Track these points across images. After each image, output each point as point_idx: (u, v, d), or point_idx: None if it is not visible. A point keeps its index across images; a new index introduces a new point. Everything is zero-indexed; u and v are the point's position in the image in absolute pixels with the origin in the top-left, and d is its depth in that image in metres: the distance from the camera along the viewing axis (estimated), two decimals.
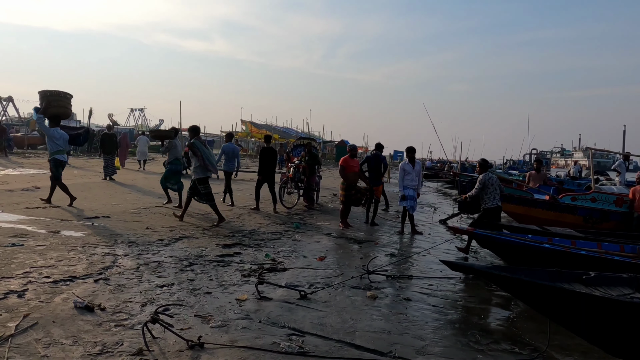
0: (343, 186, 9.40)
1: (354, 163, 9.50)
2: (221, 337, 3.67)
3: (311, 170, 12.03)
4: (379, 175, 10.56)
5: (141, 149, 21.00)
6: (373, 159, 10.42)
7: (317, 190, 12.78)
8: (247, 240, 7.38)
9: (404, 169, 9.48)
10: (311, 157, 12.14)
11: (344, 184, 9.40)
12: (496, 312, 5.14)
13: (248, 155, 44.47)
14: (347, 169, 9.37)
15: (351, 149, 9.95)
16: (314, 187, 12.35)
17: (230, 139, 12.74)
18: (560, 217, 10.35)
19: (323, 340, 3.81)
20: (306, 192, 12.07)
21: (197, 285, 4.94)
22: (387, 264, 6.53)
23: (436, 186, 28.02)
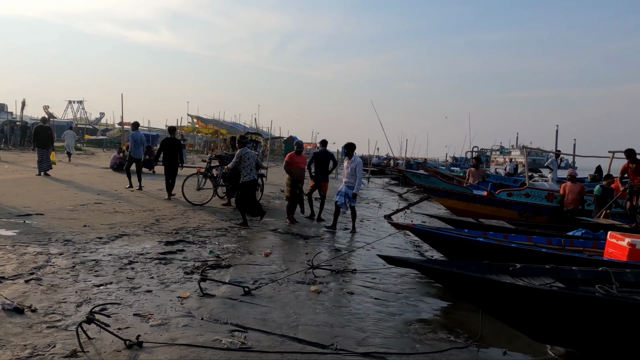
0: (289, 182, 9.47)
1: (300, 159, 9.56)
2: (161, 335, 3.61)
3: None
4: (327, 172, 10.68)
5: (68, 142, 22.07)
6: (321, 155, 10.52)
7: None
8: (191, 237, 7.26)
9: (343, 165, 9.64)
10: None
11: (290, 179, 9.47)
12: (434, 303, 5.35)
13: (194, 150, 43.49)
14: (292, 165, 9.44)
15: (297, 145, 10.00)
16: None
17: (136, 127, 13.10)
18: (498, 211, 10.91)
19: (266, 335, 3.83)
20: (230, 191, 10.95)
21: (137, 283, 4.81)
22: (331, 258, 6.63)
23: (382, 182, 28.64)
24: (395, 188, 24.47)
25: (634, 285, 4.61)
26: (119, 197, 10.64)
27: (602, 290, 4.16)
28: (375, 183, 27.55)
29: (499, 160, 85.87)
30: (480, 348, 4.07)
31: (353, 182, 8.92)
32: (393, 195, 20.23)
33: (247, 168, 8.50)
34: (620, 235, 6.02)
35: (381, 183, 28.07)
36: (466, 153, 47.11)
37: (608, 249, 6.12)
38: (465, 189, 12.17)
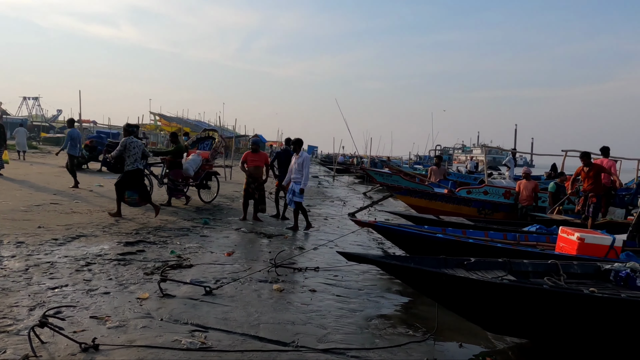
0: (245, 180, 9.52)
1: (256, 157, 9.53)
2: (118, 337, 3.55)
3: (174, 164, 10.42)
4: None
5: (20, 140, 21.47)
6: (283, 154, 10.53)
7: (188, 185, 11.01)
8: (152, 237, 7.14)
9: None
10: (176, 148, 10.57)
11: (246, 177, 9.53)
12: (395, 298, 5.47)
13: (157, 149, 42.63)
14: (248, 163, 9.47)
15: (253, 143, 10.00)
16: (179, 183, 10.50)
17: (71, 124, 13.19)
18: (458, 209, 11.22)
19: (226, 334, 3.83)
20: (171, 191, 10.45)
21: (94, 285, 4.71)
22: (295, 256, 6.66)
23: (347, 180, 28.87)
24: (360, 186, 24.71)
25: (582, 277, 4.86)
26: (77, 197, 10.33)
27: (550, 282, 4.36)
28: (340, 181, 27.74)
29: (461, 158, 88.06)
30: (437, 341, 4.20)
31: (300, 178, 8.90)
32: (357, 193, 20.43)
33: (132, 157, 8.35)
34: (570, 230, 6.32)
35: (346, 181, 28.29)
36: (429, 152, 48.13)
37: (559, 243, 6.41)
38: (426, 187, 12.43)
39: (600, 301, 3.74)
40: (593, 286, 4.38)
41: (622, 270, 4.71)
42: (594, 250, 5.93)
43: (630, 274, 4.64)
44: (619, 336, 3.87)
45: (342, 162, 39.18)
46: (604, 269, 4.88)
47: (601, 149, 10.40)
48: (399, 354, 3.85)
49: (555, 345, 4.17)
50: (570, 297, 3.75)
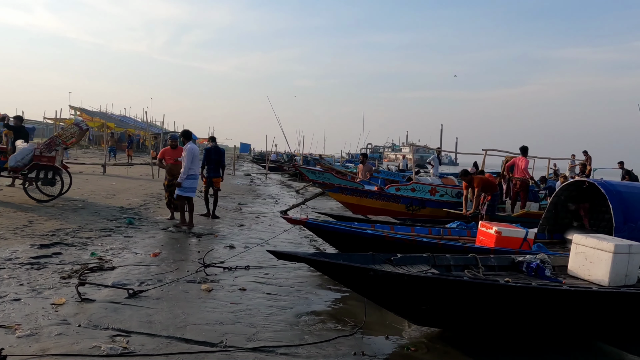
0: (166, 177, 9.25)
1: (175, 154, 9.26)
2: (30, 347, 3.31)
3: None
4: (219, 168, 10.49)
5: None
6: (213, 150, 10.33)
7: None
8: (70, 239, 6.71)
9: None
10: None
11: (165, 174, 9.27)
12: (325, 295, 5.53)
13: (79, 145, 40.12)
14: (166, 159, 9.21)
15: (171, 138, 9.72)
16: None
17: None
18: (387, 205, 11.55)
19: (151, 337, 3.69)
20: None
21: (2, 292, 4.35)
22: (225, 256, 6.54)
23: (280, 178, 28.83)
24: (293, 184, 24.76)
25: (498, 269, 5.19)
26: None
27: (470, 274, 4.62)
28: (273, 179, 27.64)
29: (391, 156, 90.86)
30: (365, 335, 4.30)
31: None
32: (290, 191, 20.45)
33: None
34: (489, 224, 6.72)
35: (278, 179, 28.24)
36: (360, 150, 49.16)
37: (479, 236, 6.80)
38: (357, 185, 12.69)
39: (513, 290, 4.00)
40: (508, 277, 4.69)
41: (532, 262, 5.08)
42: (510, 243, 6.35)
43: (540, 265, 5.02)
44: (529, 320, 4.17)
45: (274, 159, 39.05)
46: (517, 260, 5.24)
47: (520, 148, 11.21)
48: (328, 348, 3.90)
49: (474, 332, 4.42)
50: (487, 288, 3.99)
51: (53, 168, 9.81)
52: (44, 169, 9.72)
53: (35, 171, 9.65)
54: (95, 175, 17.06)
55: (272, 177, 28.90)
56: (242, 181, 22.65)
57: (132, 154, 26.12)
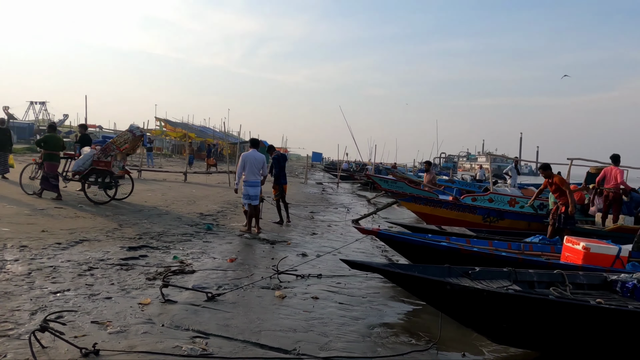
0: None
1: None
2: (119, 343, 3.53)
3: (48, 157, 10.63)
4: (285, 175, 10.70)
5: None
6: (282, 157, 10.57)
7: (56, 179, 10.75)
8: (155, 243, 7.13)
9: None
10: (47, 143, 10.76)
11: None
12: (398, 307, 5.42)
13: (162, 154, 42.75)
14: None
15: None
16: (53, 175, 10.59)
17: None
18: (462, 216, 11.16)
19: (227, 341, 3.80)
20: (43, 180, 10.62)
21: (96, 290, 4.69)
22: (297, 263, 6.63)
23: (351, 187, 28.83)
24: (364, 193, 24.66)
25: (588, 288, 4.80)
26: (82, 202, 10.35)
27: (556, 292, 4.31)
28: (344, 188, 27.71)
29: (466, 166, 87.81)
30: (440, 350, 4.15)
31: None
32: (361, 200, 20.38)
33: None
34: (576, 239, 6.26)
35: (350, 188, 28.26)
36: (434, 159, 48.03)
37: (564, 252, 6.35)
38: (431, 194, 12.39)
39: (607, 312, 3.68)
40: (599, 297, 4.32)
41: (628, 282, 4.66)
42: (600, 260, 5.88)
43: (637, 285, 4.59)
44: (624, 348, 3.81)
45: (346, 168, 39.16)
46: (610, 279, 4.82)
47: (611, 156, 10.25)
48: None
49: (560, 355, 4.11)
50: (577, 308, 3.70)
51: (109, 172, 10.63)
52: (101, 173, 10.57)
53: (93, 175, 10.56)
54: (177, 182, 18.06)
55: (343, 186, 28.98)
56: (314, 190, 22.92)
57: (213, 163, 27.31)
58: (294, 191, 19.57)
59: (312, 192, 21.48)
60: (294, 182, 25.61)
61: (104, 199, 10.50)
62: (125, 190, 11.36)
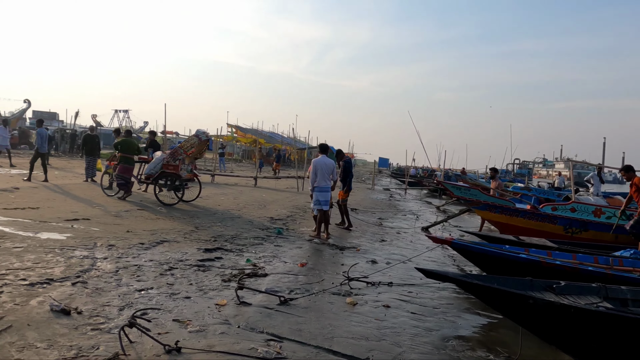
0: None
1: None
2: (199, 342, 3.67)
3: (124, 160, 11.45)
4: None
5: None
6: (350, 162, 10.58)
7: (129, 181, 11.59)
8: (229, 245, 7.37)
9: None
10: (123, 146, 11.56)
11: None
12: (473, 319, 5.21)
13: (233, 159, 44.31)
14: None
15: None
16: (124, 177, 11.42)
17: (40, 124, 15.07)
18: (541, 226, 10.55)
19: (301, 345, 3.83)
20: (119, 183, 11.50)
21: (176, 289, 4.92)
22: (367, 270, 6.57)
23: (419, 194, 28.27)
24: (433, 200, 24.07)
25: None
26: (160, 204, 10.94)
27: None
28: (412, 195, 27.23)
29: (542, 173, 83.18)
30: None
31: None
32: (430, 207, 19.91)
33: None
34: None
35: (418, 195, 27.72)
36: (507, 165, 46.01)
37: None
38: (507, 202, 11.83)
39: None
40: None
41: None
42: None
43: None
44: None
45: (413, 175, 38.47)
46: None
47: None
48: None
49: None
50: None
51: (177, 175, 11.17)
52: (170, 176, 11.11)
53: (164, 178, 11.17)
54: (247, 187, 18.60)
55: (411, 192, 28.51)
56: (382, 196, 22.73)
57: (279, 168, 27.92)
58: (361, 197, 19.52)
59: (380, 198, 21.31)
60: (361, 188, 25.56)
61: (173, 201, 11.09)
62: (193, 193, 11.92)
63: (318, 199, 8.68)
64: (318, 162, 8.74)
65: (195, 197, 11.91)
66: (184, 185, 11.32)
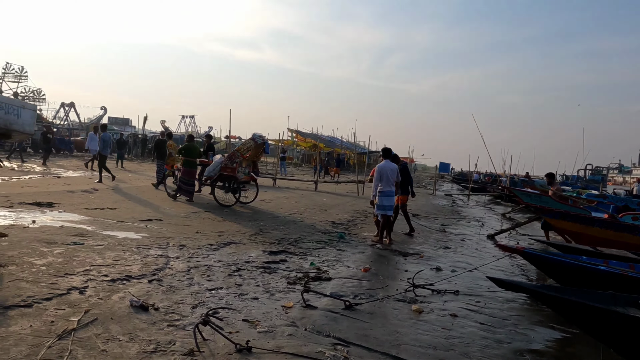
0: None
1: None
2: (268, 342, 3.75)
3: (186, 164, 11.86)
4: None
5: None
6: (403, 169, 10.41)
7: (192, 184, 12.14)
8: (293, 248, 7.48)
9: None
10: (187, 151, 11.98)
11: None
12: (546, 333, 4.95)
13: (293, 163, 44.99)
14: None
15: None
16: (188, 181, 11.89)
17: (104, 129, 16.46)
18: (619, 237, 9.85)
19: (368, 351, 3.81)
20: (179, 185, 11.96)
21: (244, 290, 5.06)
22: (432, 278, 6.44)
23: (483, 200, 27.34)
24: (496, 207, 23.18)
25: None
26: (226, 207, 11.30)
27: None
28: (475, 201, 26.37)
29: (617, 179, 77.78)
30: None
31: None
32: (495, 214, 19.17)
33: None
34: None
35: (482, 201, 26.79)
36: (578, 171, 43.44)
37: None
38: (582, 210, 11.17)
39: None
40: None
41: None
42: None
43: None
44: None
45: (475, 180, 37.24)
46: None
47: None
48: None
49: None
50: None
51: (234, 178, 11.52)
52: (227, 178, 11.46)
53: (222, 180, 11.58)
54: (308, 190, 18.82)
55: (474, 198, 27.62)
56: (443, 202, 22.21)
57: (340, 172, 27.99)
58: (422, 202, 19.17)
59: (442, 204, 20.82)
60: (422, 193, 25.10)
61: (230, 202, 11.44)
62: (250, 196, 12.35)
63: (383, 203, 8.63)
64: (383, 167, 8.70)
65: (252, 199, 12.24)
66: (240, 187, 11.69)
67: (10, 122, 5.92)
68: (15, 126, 6.02)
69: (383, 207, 8.64)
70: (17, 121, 6.04)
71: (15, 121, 6.00)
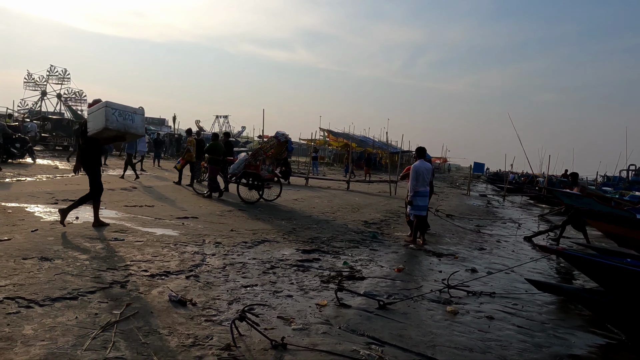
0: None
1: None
2: (303, 339, 3.78)
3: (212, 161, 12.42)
4: None
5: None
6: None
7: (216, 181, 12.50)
8: (326, 247, 7.50)
9: None
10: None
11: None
12: (587, 338, 4.79)
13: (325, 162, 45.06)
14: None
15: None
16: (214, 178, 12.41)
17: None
18: None
19: (402, 352, 3.79)
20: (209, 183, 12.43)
21: (278, 287, 5.12)
22: (467, 279, 6.34)
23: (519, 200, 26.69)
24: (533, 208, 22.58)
25: None
26: (259, 205, 11.45)
27: None
28: (511, 201, 25.75)
29: None
30: None
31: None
32: (532, 215, 18.68)
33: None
34: None
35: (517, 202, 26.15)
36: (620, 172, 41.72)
37: None
38: (625, 212, 10.75)
39: None
40: None
41: None
42: None
43: None
44: None
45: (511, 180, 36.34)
46: None
47: None
48: None
49: None
50: None
51: (257, 175, 11.69)
52: (251, 175, 11.59)
53: (245, 177, 11.78)
54: (340, 190, 18.83)
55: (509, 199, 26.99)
56: (478, 202, 21.79)
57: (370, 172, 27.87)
58: (456, 202, 18.88)
59: (476, 204, 20.44)
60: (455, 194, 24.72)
61: (253, 199, 11.61)
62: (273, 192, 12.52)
63: (417, 203, 8.56)
64: (418, 167, 8.62)
65: (276, 196, 12.39)
66: (264, 184, 11.83)
67: (127, 126, 6.80)
68: (131, 129, 6.89)
69: (418, 207, 8.55)
70: (132, 125, 6.91)
71: (130, 125, 6.87)
